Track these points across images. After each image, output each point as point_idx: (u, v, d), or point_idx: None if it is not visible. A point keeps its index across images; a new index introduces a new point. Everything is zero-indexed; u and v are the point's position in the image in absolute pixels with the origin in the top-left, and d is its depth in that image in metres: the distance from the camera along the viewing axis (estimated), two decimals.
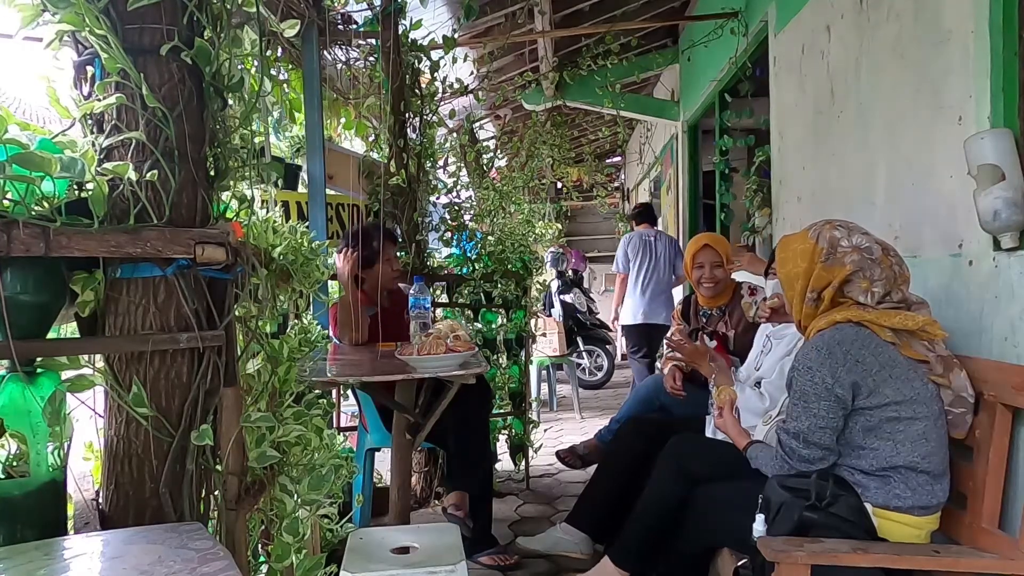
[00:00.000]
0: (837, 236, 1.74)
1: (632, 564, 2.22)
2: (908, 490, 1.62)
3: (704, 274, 2.87)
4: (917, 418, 1.62)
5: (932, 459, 1.63)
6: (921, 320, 1.66)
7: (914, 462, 1.61)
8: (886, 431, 1.63)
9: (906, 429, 1.62)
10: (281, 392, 1.61)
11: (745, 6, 3.97)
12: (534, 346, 5.28)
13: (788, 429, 1.72)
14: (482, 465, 2.86)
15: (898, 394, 1.62)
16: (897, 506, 1.62)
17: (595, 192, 9.41)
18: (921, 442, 1.62)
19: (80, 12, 1.19)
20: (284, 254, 1.63)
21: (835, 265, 1.72)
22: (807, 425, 1.67)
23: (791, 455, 1.71)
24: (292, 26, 1.70)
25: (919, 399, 1.63)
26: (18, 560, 1.00)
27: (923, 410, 1.63)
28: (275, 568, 1.51)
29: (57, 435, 1.16)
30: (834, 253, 1.72)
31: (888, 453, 1.63)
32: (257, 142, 1.77)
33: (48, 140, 1.19)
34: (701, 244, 2.90)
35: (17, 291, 1.13)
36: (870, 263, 1.70)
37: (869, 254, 1.70)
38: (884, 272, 1.70)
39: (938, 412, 1.65)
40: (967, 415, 1.70)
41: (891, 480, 1.63)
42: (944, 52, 1.93)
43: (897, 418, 1.62)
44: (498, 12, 4.77)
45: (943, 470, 1.65)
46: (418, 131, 3.51)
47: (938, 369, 1.68)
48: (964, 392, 1.69)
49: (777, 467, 1.75)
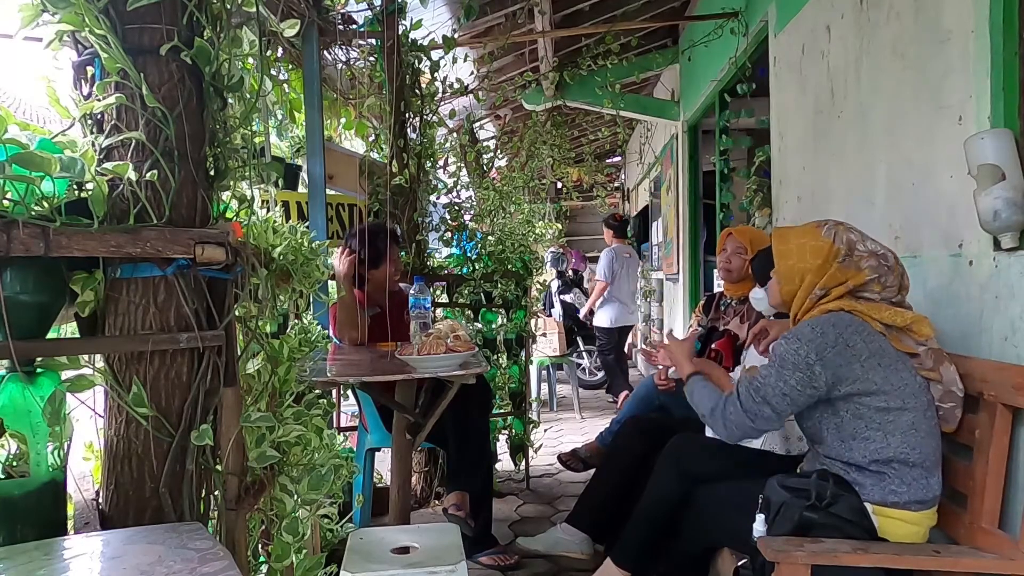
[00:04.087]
0: (854, 239, 1.76)
1: (632, 564, 2.22)
2: (903, 484, 1.62)
3: (724, 258, 2.89)
4: (906, 408, 1.64)
5: (923, 450, 1.63)
6: (909, 317, 1.70)
7: (905, 454, 1.63)
8: (876, 421, 1.64)
9: (896, 419, 1.63)
10: (281, 392, 1.61)
11: (745, 6, 3.97)
12: (534, 346, 5.30)
13: (752, 381, 1.75)
14: (482, 465, 2.86)
15: (886, 383, 1.64)
16: (894, 502, 1.63)
17: (595, 192, 9.41)
18: (911, 433, 1.63)
19: (80, 12, 1.19)
20: (284, 254, 1.63)
21: (851, 268, 1.74)
22: (771, 384, 1.70)
23: (739, 401, 1.74)
24: (292, 26, 1.70)
25: (908, 390, 1.65)
26: (18, 560, 1.00)
27: (912, 401, 1.64)
28: (275, 568, 1.51)
29: (57, 435, 1.16)
30: (851, 255, 1.74)
31: (879, 445, 1.64)
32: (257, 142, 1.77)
33: (48, 140, 1.19)
34: (727, 233, 2.93)
35: (17, 291, 1.13)
36: (886, 270, 1.73)
37: (885, 261, 1.74)
38: (895, 280, 1.74)
39: (927, 404, 1.67)
40: (956, 409, 1.72)
41: (885, 476, 1.63)
42: (944, 52, 1.92)
43: (886, 408, 1.64)
44: (498, 12, 4.77)
45: (935, 462, 1.66)
46: (418, 131, 3.51)
47: (928, 363, 1.70)
48: (954, 386, 1.71)
49: (712, 406, 1.80)
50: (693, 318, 3.16)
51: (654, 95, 6.74)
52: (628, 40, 5.14)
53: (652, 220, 7.93)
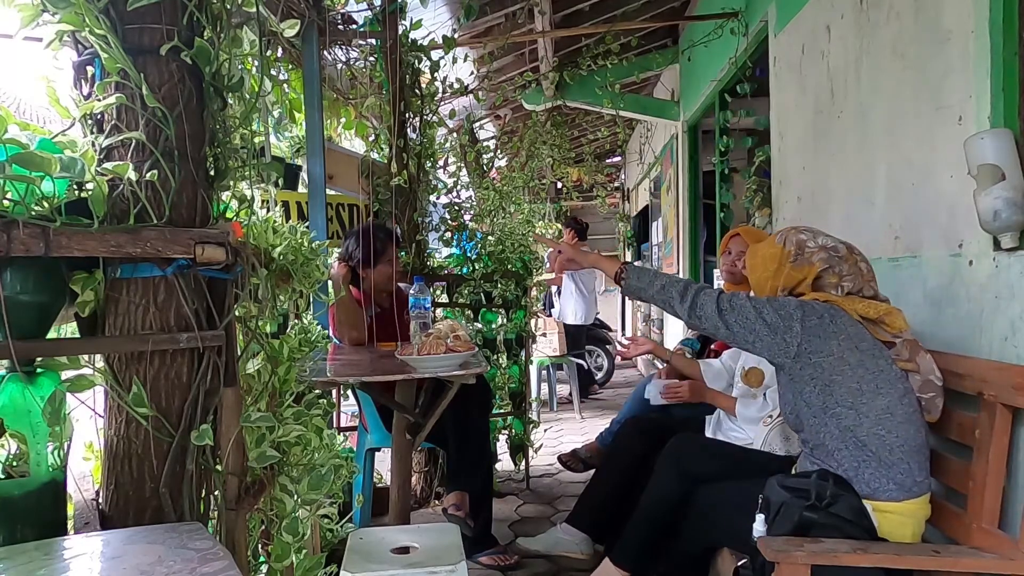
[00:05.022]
0: (803, 239, 1.83)
1: (632, 564, 2.22)
2: (884, 470, 1.63)
3: (729, 260, 2.88)
4: (880, 393, 1.65)
5: (900, 434, 1.64)
6: (883, 309, 1.73)
7: (880, 436, 1.64)
8: (847, 400, 1.66)
9: (869, 402, 1.65)
10: (281, 392, 1.61)
11: (745, 6, 3.97)
12: (534, 346, 5.30)
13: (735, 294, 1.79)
14: (482, 465, 2.86)
15: (860, 366, 1.66)
16: (878, 488, 1.63)
17: (595, 192, 9.41)
18: (886, 416, 1.65)
19: (80, 12, 1.19)
20: (284, 254, 1.63)
21: (804, 265, 1.81)
22: (747, 305, 1.73)
23: (700, 290, 1.79)
24: (292, 26, 1.70)
25: (883, 376, 1.67)
26: (18, 560, 1.00)
27: (887, 387, 1.66)
28: (275, 568, 1.51)
29: (57, 435, 1.16)
30: (802, 254, 1.81)
31: (851, 421, 1.65)
32: (257, 142, 1.77)
33: (48, 140, 1.19)
34: (734, 233, 2.92)
35: (17, 291, 1.13)
36: (837, 260, 1.79)
37: (835, 252, 1.80)
38: (851, 268, 1.79)
39: (903, 391, 1.68)
40: (938, 399, 1.74)
41: (868, 462, 1.64)
42: (944, 52, 1.92)
43: (859, 390, 1.66)
44: (498, 12, 4.77)
45: (916, 448, 1.66)
46: (418, 131, 3.51)
47: (904, 354, 1.72)
48: (932, 376, 1.73)
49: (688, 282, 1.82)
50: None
51: (654, 95, 6.74)
52: (628, 40, 5.14)
53: (652, 220, 7.94)
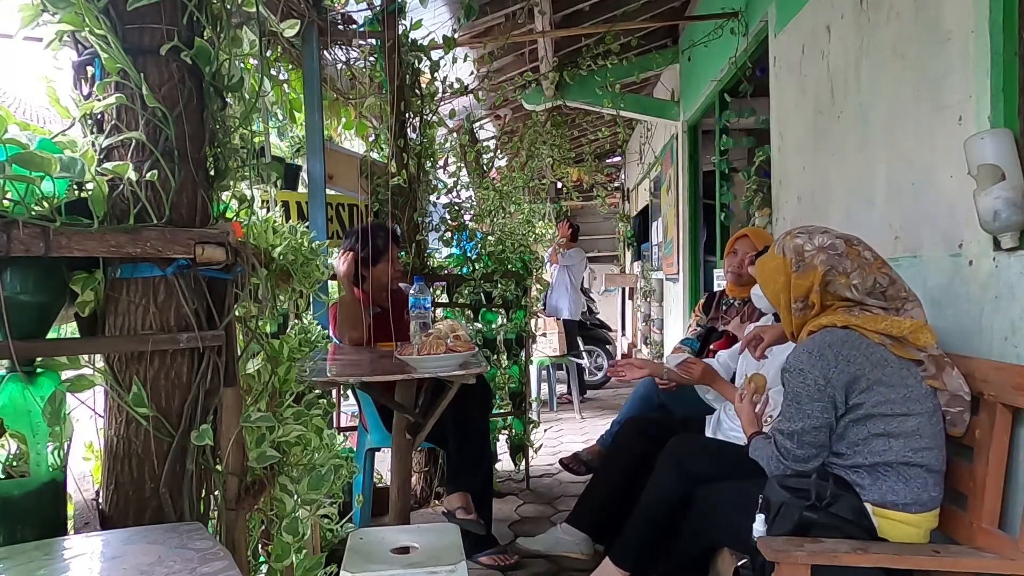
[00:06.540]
0: (800, 243, 1.80)
1: (632, 564, 2.22)
2: (902, 484, 1.62)
3: (735, 261, 2.87)
4: (911, 415, 1.63)
5: (926, 454, 1.63)
6: (907, 327, 1.68)
7: (907, 457, 1.62)
8: (879, 427, 1.64)
9: (900, 426, 1.63)
10: (281, 392, 1.61)
11: (745, 6, 3.97)
12: (534, 346, 5.30)
13: (783, 429, 1.73)
14: (482, 465, 2.85)
15: (891, 391, 1.63)
16: (893, 501, 1.62)
17: (595, 192, 9.40)
18: (915, 438, 1.62)
19: (80, 12, 1.19)
20: (284, 254, 1.63)
21: (807, 271, 1.77)
22: (801, 426, 1.68)
23: (786, 455, 1.72)
24: (292, 26, 1.70)
25: (912, 396, 1.64)
26: (18, 560, 1.00)
27: (916, 407, 1.63)
28: (275, 568, 1.51)
29: (57, 435, 1.16)
30: (802, 259, 1.78)
31: (881, 448, 1.64)
32: (257, 142, 1.77)
33: (48, 140, 1.19)
34: (741, 234, 2.91)
35: (17, 291, 1.13)
36: (838, 257, 1.75)
37: (834, 249, 1.76)
38: (855, 262, 1.75)
39: (932, 409, 1.66)
40: (964, 413, 1.70)
41: (888, 477, 1.63)
42: (944, 52, 1.92)
43: (891, 415, 1.63)
44: (498, 12, 4.77)
45: (939, 467, 1.66)
46: (418, 131, 3.51)
47: (931, 370, 1.69)
48: (960, 391, 1.69)
49: (774, 466, 1.77)
50: (693, 317, 3.16)
51: (654, 95, 6.74)
52: (628, 40, 5.13)
53: (652, 220, 7.93)
